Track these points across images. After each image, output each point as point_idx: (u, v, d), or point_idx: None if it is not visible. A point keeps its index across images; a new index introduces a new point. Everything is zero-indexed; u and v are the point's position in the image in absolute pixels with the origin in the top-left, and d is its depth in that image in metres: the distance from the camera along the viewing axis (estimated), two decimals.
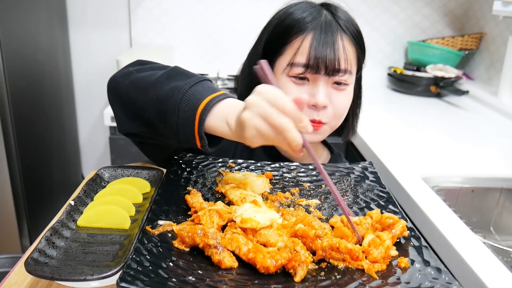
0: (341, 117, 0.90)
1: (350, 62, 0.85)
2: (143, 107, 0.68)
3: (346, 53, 0.84)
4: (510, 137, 1.60)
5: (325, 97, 0.84)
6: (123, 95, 0.73)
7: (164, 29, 2.25)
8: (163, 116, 0.65)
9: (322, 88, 0.84)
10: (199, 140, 0.63)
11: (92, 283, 0.53)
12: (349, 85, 0.87)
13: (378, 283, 0.50)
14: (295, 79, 0.85)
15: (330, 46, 0.82)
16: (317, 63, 0.82)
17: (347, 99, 0.88)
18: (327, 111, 0.86)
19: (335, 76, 0.84)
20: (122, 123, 0.74)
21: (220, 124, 0.62)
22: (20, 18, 1.71)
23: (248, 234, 0.58)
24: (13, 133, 1.65)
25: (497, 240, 1.24)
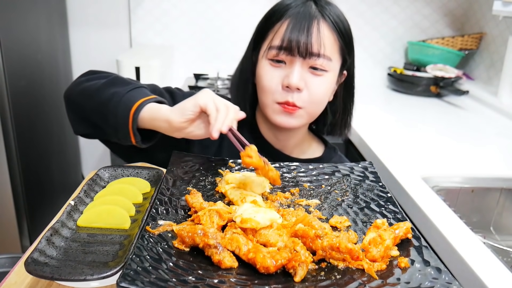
0: (318, 104, 0.89)
1: (325, 47, 0.85)
2: (90, 111, 0.82)
3: (322, 38, 0.84)
4: (510, 137, 1.60)
5: (298, 79, 0.84)
6: (74, 102, 0.86)
7: (164, 29, 2.25)
8: (105, 118, 0.79)
9: (297, 70, 0.84)
10: (133, 136, 0.77)
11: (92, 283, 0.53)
12: (328, 72, 0.87)
13: (378, 283, 0.50)
14: (272, 62, 0.87)
15: (304, 29, 0.84)
16: (290, 45, 0.83)
17: (324, 85, 0.87)
18: (302, 95, 0.86)
19: (310, 59, 0.84)
20: (75, 126, 0.88)
21: (151, 113, 0.76)
22: (20, 18, 1.71)
23: (248, 234, 0.58)
24: (13, 133, 1.65)
25: (497, 240, 1.24)
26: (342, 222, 0.64)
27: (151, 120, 0.76)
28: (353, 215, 0.67)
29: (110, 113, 0.78)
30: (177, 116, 0.73)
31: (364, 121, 1.68)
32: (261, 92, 0.90)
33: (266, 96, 0.88)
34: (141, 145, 0.79)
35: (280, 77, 0.86)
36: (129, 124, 0.76)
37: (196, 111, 0.73)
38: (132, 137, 0.77)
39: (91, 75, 0.88)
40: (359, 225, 0.64)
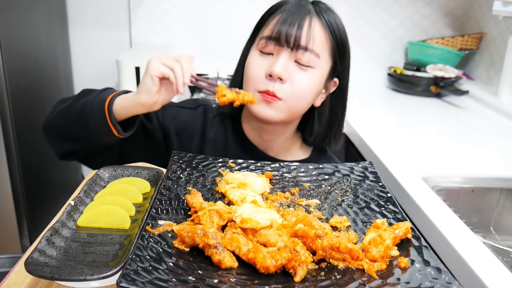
0: (299, 99, 0.87)
1: (314, 41, 0.84)
2: (68, 125, 0.86)
3: (312, 33, 0.84)
4: (510, 137, 1.60)
5: (281, 68, 0.83)
6: (52, 126, 0.90)
7: (164, 29, 2.25)
8: (84, 123, 0.83)
9: (281, 60, 0.84)
10: (114, 128, 0.82)
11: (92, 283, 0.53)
12: (314, 69, 0.86)
13: (378, 283, 0.50)
14: (261, 52, 0.87)
15: (295, 22, 0.84)
16: (279, 35, 0.84)
17: (308, 81, 0.86)
18: (284, 86, 0.84)
19: (297, 51, 0.84)
20: (57, 148, 0.91)
21: (122, 102, 0.81)
22: (20, 18, 1.71)
23: (248, 234, 0.58)
24: (13, 133, 1.65)
25: (497, 240, 1.24)
26: (342, 222, 0.64)
27: (124, 108, 0.82)
28: (353, 215, 0.67)
29: (87, 117, 0.82)
30: (145, 95, 0.79)
31: (364, 121, 1.68)
32: (245, 81, 0.90)
33: (249, 85, 0.88)
34: (124, 134, 0.84)
35: (266, 67, 0.85)
36: (107, 118, 0.81)
37: (156, 82, 0.78)
38: (113, 130, 0.82)
39: (62, 102, 0.91)
40: (359, 225, 0.64)
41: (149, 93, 0.79)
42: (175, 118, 0.97)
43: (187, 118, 0.99)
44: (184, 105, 1.01)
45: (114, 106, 0.82)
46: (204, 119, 1.00)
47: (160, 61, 0.78)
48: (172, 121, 0.97)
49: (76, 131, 0.86)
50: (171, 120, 0.97)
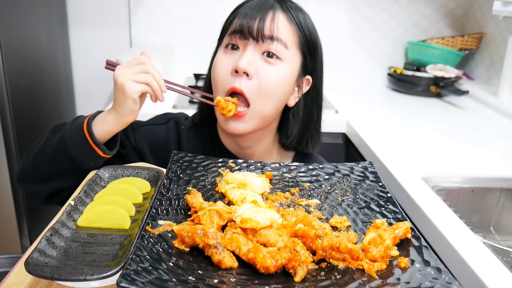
0: (268, 96, 0.82)
1: (280, 31, 0.81)
2: (48, 164, 0.84)
3: (276, 23, 0.81)
4: (510, 137, 1.60)
5: (247, 62, 0.80)
6: (31, 172, 0.88)
7: (164, 29, 2.25)
8: (64, 157, 0.81)
9: (247, 53, 0.81)
10: (99, 149, 0.81)
11: (92, 283, 0.53)
12: (283, 61, 0.82)
13: (378, 283, 0.50)
14: (226, 49, 0.85)
15: (257, 15, 0.82)
16: (242, 28, 0.81)
17: (277, 76, 0.82)
18: (251, 82, 0.80)
19: (263, 43, 0.81)
20: (41, 192, 0.89)
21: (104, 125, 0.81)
22: (20, 18, 1.71)
23: (248, 234, 0.58)
24: (13, 133, 1.65)
25: (497, 240, 1.24)
26: (342, 222, 0.64)
27: (108, 131, 0.82)
28: (353, 215, 0.67)
29: (67, 147, 0.81)
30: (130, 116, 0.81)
31: (364, 121, 1.68)
32: (213, 84, 0.87)
33: (217, 87, 0.85)
34: (110, 153, 0.84)
35: (232, 63, 0.82)
36: (89, 141, 0.80)
37: (137, 101, 0.79)
38: (98, 151, 0.81)
39: (32, 148, 0.90)
40: (359, 225, 0.64)
41: (133, 113, 0.80)
42: (146, 138, 0.95)
43: (160, 134, 0.96)
44: (154, 122, 0.99)
45: (95, 130, 0.81)
46: (178, 132, 0.97)
47: (133, 80, 0.78)
48: (144, 141, 0.95)
49: (57, 166, 0.84)
50: (143, 141, 0.95)
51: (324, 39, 0.93)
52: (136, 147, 0.95)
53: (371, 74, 2.38)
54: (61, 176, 0.86)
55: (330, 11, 2.28)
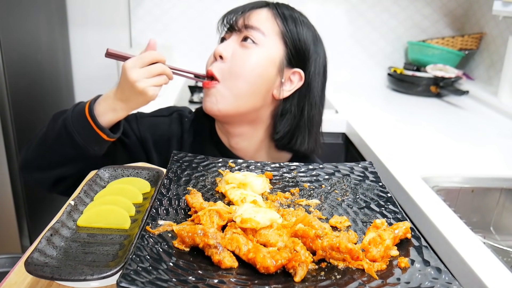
0: (238, 77, 0.85)
1: (258, 22, 0.86)
2: (51, 151, 0.84)
3: (258, 14, 0.87)
4: (510, 137, 1.60)
5: (222, 48, 0.86)
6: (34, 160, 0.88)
7: (164, 29, 2.25)
8: (68, 145, 0.82)
9: (226, 41, 0.88)
10: (103, 133, 0.81)
11: (92, 283, 0.53)
12: (258, 45, 0.85)
13: (378, 283, 0.50)
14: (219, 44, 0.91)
15: (240, 9, 0.89)
16: (226, 21, 0.89)
17: (250, 58, 0.85)
18: (223, 64, 0.86)
19: (242, 32, 0.87)
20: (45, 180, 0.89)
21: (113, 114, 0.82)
22: (20, 18, 1.71)
23: (248, 234, 0.58)
24: (13, 133, 1.65)
25: (497, 240, 1.24)
26: (342, 222, 0.64)
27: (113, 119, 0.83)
28: (353, 215, 0.67)
29: (72, 134, 0.82)
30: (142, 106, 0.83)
31: (364, 121, 1.68)
32: None
33: None
34: (114, 136, 0.84)
35: None
36: (94, 127, 0.81)
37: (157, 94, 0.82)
38: (102, 135, 0.82)
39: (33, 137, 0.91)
40: (359, 225, 0.64)
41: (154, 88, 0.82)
42: (151, 129, 0.97)
43: (163, 126, 0.99)
44: (158, 114, 1.02)
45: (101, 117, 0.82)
46: (181, 124, 0.99)
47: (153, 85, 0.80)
48: (148, 131, 0.97)
49: (61, 153, 0.85)
50: (147, 131, 0.97)
51: (324, 39, 0.94)
52: (140, 137, 0.96)
53: (371, 74, 2.38)
54: (65, 163, 0.86)
55: (330, 11, 2.28)
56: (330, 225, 0.63)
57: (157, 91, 0.82)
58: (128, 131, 0.96)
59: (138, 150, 0.96)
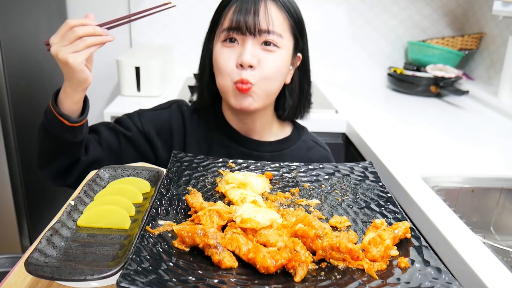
0: (270, 80, 0.90)
1: (274, 23, 0.88)
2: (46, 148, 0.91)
3: (270, 15, 0.88)
4: (510, 137, 1.60)
5: (250, 56, 0.87)
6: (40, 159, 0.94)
7: (164, 29, 2.25)
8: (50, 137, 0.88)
9: (248, 48, 0.88)
10: (63, 118, 0.85)
11: (92, 283, 0.53)
12: (280, 48, 0.90)
13: (378, 283, 0.50)
14: (225, 43, 0.90)
15: (251, 9, 0.88)
16: (239, 24, 0.87)
17: (276, 62, 0.90)
18: (254, 72, 0.88)
19: (260, 36, 0.88)
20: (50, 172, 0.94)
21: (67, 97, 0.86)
22: (20, 18, 1.71)
23: (248, 234, 0.58)
24: (13, 133, 1.65)
25: (497, 240, 1.24)
26: (342, 222, 0.64)
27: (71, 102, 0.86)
28: (353, 215, 0.67)
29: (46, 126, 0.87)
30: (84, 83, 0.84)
31: (364, 121, 1.68)
32: (218, 75, 0.92)
33: (223, 78, 0.91)
34: (75, 121, 0.86)
35: (234, 57, 0.89)
36: (55, 114, 0.85)
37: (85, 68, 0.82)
38: (63, 120, 0.85)
39: None
40: (359, 225, 0.64)
41: (86, 79, 0.83)
42: (152, 121, 1.02)
43: (164, 117, 1.03)
44: (157, 108, 1.07)
45: (62, 103, 0.86)
46: (181, 114, 1.04)
47: (72, 52, 0.79)
48: (150, 124, 1.01)
49: (50, 147, 0.90)
50: (149, 124, 1.01)
51: (324, 39, 0.94)
52: (143, 130, 1.00)
53: (371, 74, 2.38)
54: (57, 154, 0.91)
55: (330, 11, 2.28)
56: (330, 225, 0.63)
57: (79, 58, 0.79)
58: (130, 125, 1.00)
59: (141, 142, 1.00)
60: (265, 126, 1.02)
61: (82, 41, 0.79)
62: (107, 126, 1.00)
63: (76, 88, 0.84)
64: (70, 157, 0.91)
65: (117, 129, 0.99)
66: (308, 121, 1.06)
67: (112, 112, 1.71)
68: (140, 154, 1.00)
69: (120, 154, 0.98)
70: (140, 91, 1.87)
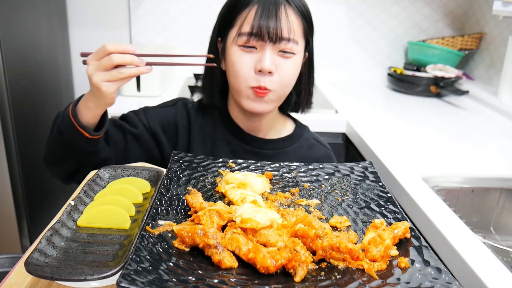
0: (287, 86, 0.93)
1: (294, 31, 0.89)
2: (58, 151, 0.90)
3: (290, 22, 0.88)
4: (510, 137, 1.60)
5: (270, 63, 0.88)
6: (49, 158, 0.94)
7: (164, 29, 2.25)
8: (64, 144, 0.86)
9: (268, 55, 0.88)
10: (85, 131, 0.84)
11: (92, 283, 0.53)
12: (296, 54, 0.91)
13: (378, 283, 0.50)
14: (243, 48, 0.90)
15: (273, 15, 0.87)
16: (261, 31, 0.87)
17: (293, 68, 0.92)
18: (273, 78, 0.89)
19: (280, 43, 0.88)
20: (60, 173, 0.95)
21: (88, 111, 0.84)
22: (20, 18, 1.71)
23: (248, 234, 0.58)
24: (13, 133, 1.65)
25: (497, 240, 1.24)
26: (342, 222, 0.64)
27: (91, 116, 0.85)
28: (353, 215, 0.67)
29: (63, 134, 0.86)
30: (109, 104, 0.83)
31: (364, 121, 1.68)
32: (234, 78, 0.92)
33: (240, 82, 0.91)
34: (96, 134, 0.86)
35: (252, 62, 0.89)
36: (76, 126, 0.84)
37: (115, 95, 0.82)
38: (85, 133, 0.84)
39: None
40: (359, 225, 0.64)
41: (112, 102, 0.83)
42: (158, 119, 1.03)
43: (170, 115, 1.04)
44: (163, 105, 1.08)
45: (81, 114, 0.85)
46: (187, 111, 1.05)
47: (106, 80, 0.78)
48: (156, 121, 1.02)
49: (63, 151, 0.89)
50: (155, 121, 1.02)
51: (324, 39, 0.95)
52: (149, 127, 1.01)
53: (371, 74, 2.38)
54: (70, 159, 0.90)
55: (330, 11, 2.28)
56: (330, 225, 0.63)
57: (112, 87, 0.79)
58: (136, 122, 1.01)
59: (147, 139, 1.00)
60: (270, 124, 1.03)
61: (119, 73, 0.78)
62: (114, 123, 1.00)
63: (100, 106, 0.84)
64: (83, 161, 0.91)
65: (123, 126, 0.99)
66: (308, 121, 1.06)
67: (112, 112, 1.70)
68: (145, 151, 1.00)
69: (126, 152, 0.98)
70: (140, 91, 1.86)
